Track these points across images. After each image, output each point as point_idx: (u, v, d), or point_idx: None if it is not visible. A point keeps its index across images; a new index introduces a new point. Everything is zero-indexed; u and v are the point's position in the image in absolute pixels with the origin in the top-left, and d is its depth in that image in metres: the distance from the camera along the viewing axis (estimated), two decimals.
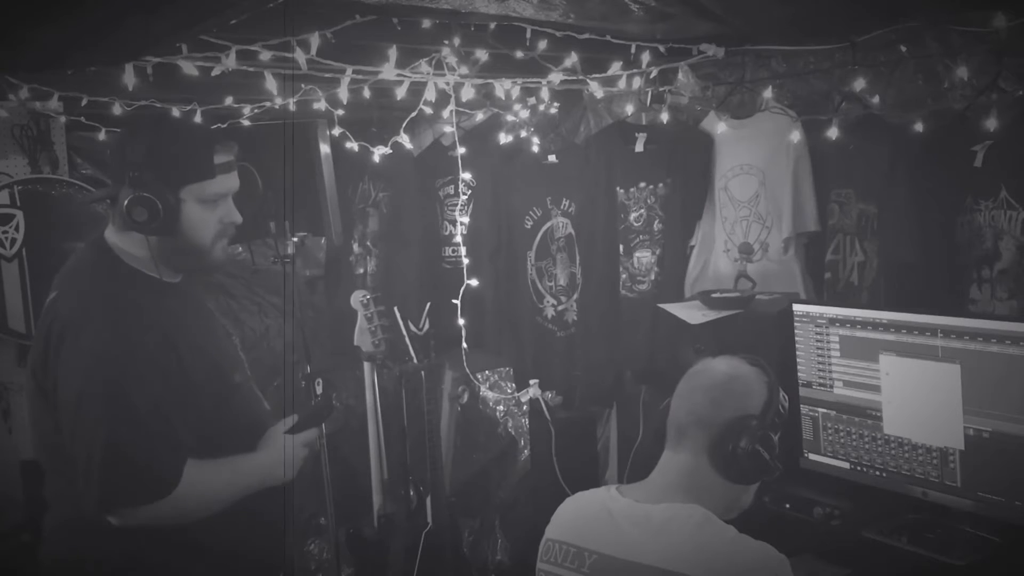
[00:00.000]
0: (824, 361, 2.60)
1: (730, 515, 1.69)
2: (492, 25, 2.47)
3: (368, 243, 4.07)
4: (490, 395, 4.17)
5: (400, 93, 2.75)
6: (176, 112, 2.89)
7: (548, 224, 3.65)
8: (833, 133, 2.71)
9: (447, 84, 2.77)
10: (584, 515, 1.74)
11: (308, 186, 3.03)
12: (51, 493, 2.08)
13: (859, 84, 2.60)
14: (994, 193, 2.49)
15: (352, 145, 3.15)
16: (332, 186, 3.06)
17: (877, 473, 2.50)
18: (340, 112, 2.93)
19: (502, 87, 3.01)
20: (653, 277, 3.33)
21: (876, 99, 2.67)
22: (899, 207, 2.68)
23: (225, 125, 3.13)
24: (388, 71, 2.52)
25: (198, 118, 3.08)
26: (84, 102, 2.85)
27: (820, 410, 2.63)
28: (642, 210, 3.33)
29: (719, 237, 3.19)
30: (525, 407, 3.78)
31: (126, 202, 1.97)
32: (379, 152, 3.14)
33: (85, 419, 1.90)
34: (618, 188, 3.39)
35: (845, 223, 2.87)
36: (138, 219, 1.98)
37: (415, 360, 3.39)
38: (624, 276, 3.41)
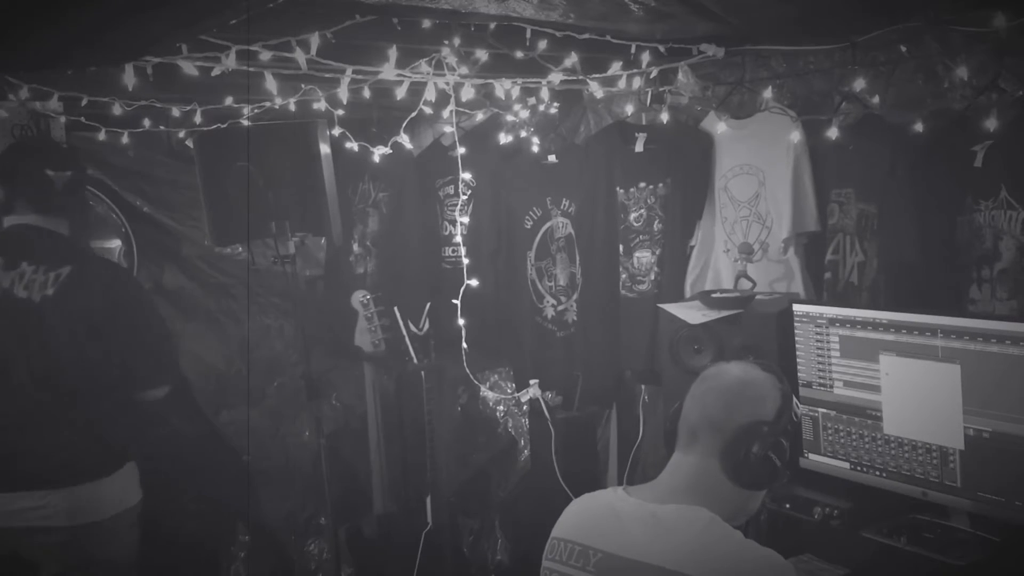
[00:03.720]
0: (824, 361, 2.60)
1: (737, 520, 1.67)
2: (492, 25, 2.47)
3: (368, 243, 4.07)
4: (490, 395, 4.16)
5: (400, 93, 2.75)
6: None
7: (548, 224, 3.65)
8: (833, 133, 2.71)
9: (447, 84, 2.77)
10: (590, 514, 1.74)
11: (308, 186, 3.02)
12: None
13: (859, 84, 2.60)
14: (994, 193, 2.49)
15: (352, 145, 3.15)
16: (332, 186, 3.05)
17: (877, 473, 2.50)
18: (340, 112, 2.93)
19: (502, 87, 3.01)
20: (653, 277, 3.33)
21: (876, 99, 2.68)
22: (899, 207, 2.67)
23: (225, 125, 3.13)
24: (388, 71, 2.52)
25: (198, 118, 3.08)
26: (84, 102, 2.85)
27: (820, 410, 2.63)
28: (642, 210, 3.33)
29: (719, 237, 3.19)
30: (525, 407, 3.77)
31: None
32: (379, 152, 3.13)
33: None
34: (618, 188, 3.39)
35: (845, 223, 2.87)
36: None
37: (415, 360, 3.39)
38: (624, 276, 3.41)
